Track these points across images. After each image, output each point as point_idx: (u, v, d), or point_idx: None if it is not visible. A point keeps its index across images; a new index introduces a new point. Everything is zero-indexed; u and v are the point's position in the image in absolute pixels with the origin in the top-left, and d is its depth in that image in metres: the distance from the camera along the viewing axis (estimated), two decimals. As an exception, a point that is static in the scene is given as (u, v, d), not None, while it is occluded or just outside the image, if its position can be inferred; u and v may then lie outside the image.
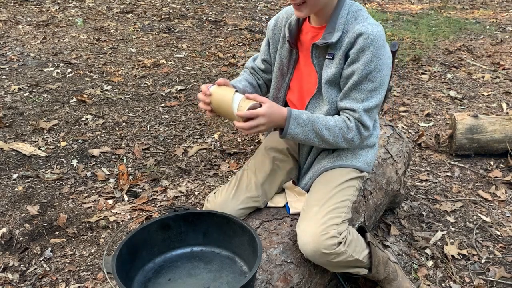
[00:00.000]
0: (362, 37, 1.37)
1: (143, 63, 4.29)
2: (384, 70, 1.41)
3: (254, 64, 1.74)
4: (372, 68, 1.38)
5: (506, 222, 2.23)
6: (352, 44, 1.39)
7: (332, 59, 1.45)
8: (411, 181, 2.56)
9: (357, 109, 1.42)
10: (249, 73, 1.75)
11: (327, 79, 1.46)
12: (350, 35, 1.39)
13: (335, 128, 1.43)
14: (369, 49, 1.36)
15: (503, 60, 4.65)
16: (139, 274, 1.35)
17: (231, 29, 5.70)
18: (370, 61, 1.37)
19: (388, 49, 1.43)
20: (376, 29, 1.37)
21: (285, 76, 1.61)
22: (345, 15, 1.42)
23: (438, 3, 7.51)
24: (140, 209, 2.25)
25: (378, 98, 1.43)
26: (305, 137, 1.43)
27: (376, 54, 1.37)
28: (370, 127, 1.45)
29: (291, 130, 1.41)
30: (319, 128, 1.42)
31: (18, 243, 2.00)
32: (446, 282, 1.86)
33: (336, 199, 1.46)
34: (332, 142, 1.45)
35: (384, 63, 1.40)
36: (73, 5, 6.46)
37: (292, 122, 1.40)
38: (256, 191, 1.58)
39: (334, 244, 1.36)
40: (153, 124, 3.13)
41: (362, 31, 1.37)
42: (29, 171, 2.51)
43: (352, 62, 1.40)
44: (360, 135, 1.46)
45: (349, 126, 1.44)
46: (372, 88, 1.41)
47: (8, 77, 3.82)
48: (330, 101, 1.49)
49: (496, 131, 2.71)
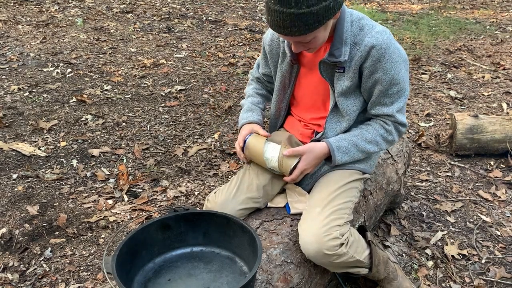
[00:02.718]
0: (375, 50, 1.36)
1: (143, 63, 4.29)
2: (403, 69, 1.42)
3: (259, 74, 1.78)
4: (393, 73, 1.40)
5: (506, 222, 2.22)
6: (365, 58, 1.39)
7: (343, 72, 1.44)
8: (411, 181, 2.56)
9: (391, 113, 1.47)
10: (256, 82, 1.81)
11: (341, 92, 1.47)
12: (362, 49, 1.38)
13: (376, 137, 1.50)
14: (385, 58, 1.37)
15: (503, 60, 4.65)
16: (139, 274, 1.35)
17: (231, 29, 5.70)
18: (389, 68, 1.39)
19: (399, 47, 1.43)
20: (385, 36, 1.37)
21: (287, 88, 1.63)
22: (350, 27, 1.39)
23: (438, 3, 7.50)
24: (140, 209, 2.25)
25: (406, 95, 1.47)
26: (353, 159, 1.52)
27: (392, 60, 1.38)
28: (406, 122, 1.52)
29: (339, 161, 1.50)
30: (363, 147, 1.50)
31: (18, 243, 2.00)
32: (446, 282, 1.86)
33: (339, 200, 1.46)
34: (378, 150, 1.55)
35: (401, 62, 1.41)
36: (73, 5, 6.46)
37: (337, 154, 1.49)
38: (257, 192, 1.58)
39: (337, 245, 1.36)
40: (153, 124, 3.13)
41: (374, 44, 1.36)
42: (29, 171, 2.51)
43: (372, 74, 1.41)
44: (399, 133, 1.54)
45: (388, 130, 1.51)
46: (398, 89, 1.44)
47: (8, 77, 3.81)
48: (348, 111, 1.50)
49: (496, 131, 2.71)
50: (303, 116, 1.67)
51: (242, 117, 1.68)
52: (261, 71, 1.74)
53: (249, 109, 1.70)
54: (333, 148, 1.48)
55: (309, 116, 1.64)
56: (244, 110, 1.71)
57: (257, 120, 1.65)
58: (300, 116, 1.69)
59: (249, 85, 1.82)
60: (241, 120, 1.68)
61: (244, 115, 1.68)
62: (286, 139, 1.67)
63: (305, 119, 1.67)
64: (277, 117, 1.75)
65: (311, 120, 1.64)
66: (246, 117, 1.66)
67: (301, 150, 1.47)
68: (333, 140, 1.50)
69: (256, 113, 1.68)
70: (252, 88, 1.79)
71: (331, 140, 1.50)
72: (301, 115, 1.68)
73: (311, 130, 1.65)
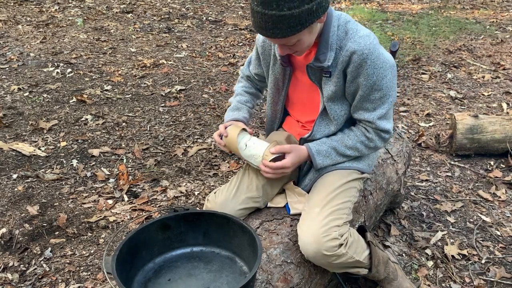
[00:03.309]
0: (356, 55, 1.35)
1: (143, 63, 4.29)
2: (388, 75, 1.40)
3: (249, 72, 1.77)
4: (375, 79, 1.38)
5: (506, 222, 2.22)
6: (347, 63, 1.38)
7: (330, 77, 1.43)
8: (411, 181, 2.56)
9: (372, 120, 1.46)
10: (246, 80, 1.80)
11: (328, 97, 1.47)
12: (344, 53, 1.37)
13: (356, 144, 1.51)
14: (367, 63, 1.35)
15: (503, 60, 4.65)
16: (139, 274, 1.35)
17: (231, 29, 5.70)
18: (371, 74, 1.37)
19: (385, 52, 1.41)
20: (368, 41, 1.35)
21: (281, 90, 1.63)
22: (336, 31, 1.38)
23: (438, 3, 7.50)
24: (140, 209, 2.25)
25: (389, 102, 1.45)
26: (335, 162, 1.54)
27: (374, 66, 1.36)
28: (389, 129, 1.50)
29: (320, 163, 1.52)
30: (342, 151, 1.52)
31: (18, 243, 2.00)
32: (446, 282, 1.85)
33: (337, 201, 1.46)
34: (359, 155, 1.56)
35: (386, 68, 1.39)
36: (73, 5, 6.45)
37: (318, 158, 1.50)
38: (257, 191, 1.58)
39: (336, 246, 1.36)
40: (153, 124, 3.13)
41: (355, 49, 1.34)
42: (29, 171, 2.51)
43: (354, 79, 1.40)
44: (383, 139, 1.53)
45: (369, 137, 1.50)
46: (380, 95, 1.42)
47: (8, 77, 3.81)
48: (336, 116, 1.50)
49: (496, 131, 2.71)
50: (299, 117, 1.67)
51: (227, 115, 1.68)
52: (253, 71, 1.73)
53: (236, 108, 1.69)
54: (313, 153, 1.50)
55: (306, 117, 1.64)
56: (230, 109, 1.71)
57: (242, 119, 1.65)
58: (297, 117, 1.69)
59: (238, 82, 1.82)
60: (226, 118, 1.68)
61: (230, 114, 1.68)
62: (285, 139, 1.67)
63: (302, 120, 1.67)
64: (273, 119, 1.74)
65: (308, 122, 1.64)
66: (232, 115, 1.66)
67: (287, 148, 1.48)
68: (313, 144, 1.51)
69: (242, 111, 1.68)
70: (241, 86, 1.79)
71: (311, 144, 1.51)
72: (298, 117, 1.68)
73: (308, 131, 1.65)
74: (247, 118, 1.69)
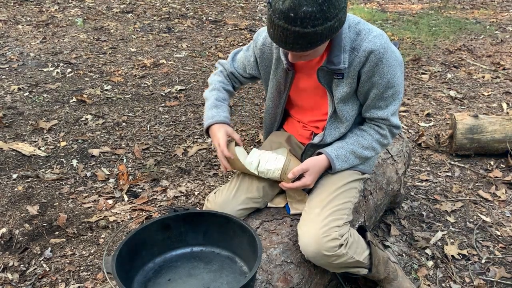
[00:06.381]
0: (373, 55, 1.36)
1: (143, 63, 4.29)
2: (398, 72, 1.42)
3: (234, 70, 1.70)
4: (389, 77, 1.39)
5: (506, 222, 2.22)
6: (363, 63, 1.38)
7: (342, 79, 1.42)
8: (411, 181, 2.56)
9: (385, 117, 1.47)
10: (225, 76, 1.72)
11: (340, 99, 1.46)
12: (360, 54, 1.37)
13: (372, 143, 1.52)
14: (382, 62, 1.37)
15: (503, 60, 4.65)
16: (139, 274, 1.35)
17: (231, 29, 5.70)
18: (386, 72, 1.38)
19: (395, 49, 1.43)
20: (382, 40, 1.36)
21: (282, 93, 1.62)
22: (348, 33, 1.37)
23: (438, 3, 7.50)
24: (140, 209, 2.25)
25: (400, 97, 1.48)
26: (352, 165, 1.54)
27: (389, 64, 1.38)
28: (399, 124, 1.53)
29: (339, 168, 1.52)
30: (360, 153, 1.52)
31: (18, 243, 2.00)
32: (446, 282, 1.86)
33: (338, 201, 1.46)
34: (375, 155, 1.58)
35: (397, 65, 1.41)
36: (73, 5, 6.45)
37: (337, 163, 1.50)
38: (257, 192, 1.58)
39: (336, 246, 1.36)
40: (153, 124, 3.13)
41: (372, 49, 1.35)
42: (29, 171, 2.51)
43: (369, 78, 1.40)
44: (393, 135, 1.55)
45: (383, 134, 1.52)
46: (393, 92, 1.44)
47: (8, 77, 3.81)
48: (347, 117, 1.50)
49: (496, 131, 2.71)
50: (302, 118, 1.67)
51: (208, 115, 1.59)
52: (248, 70, 1.67)
53: (215, 105, 1.61)
54: (332, 158, 1.49)
55: (308, 118, 1.64)
56: (209, 106, 1.62)
57: (224, 119, 1.57)
58: (299, 118, 1.68)
59: (216, 75, 1.72)
60: (207, 118, 1.58)
61: (210, 113, 1.59)
62: (285, 140, 1.67)
63: (303, 121, 1.67)
64: (272, 121, 1.73)
65: (310, 122, 1.64)
66: (212, 115, 1.58)
67: (305, 167, 1.45)
68: (330, 150, 1.51)
69: (222, 109, 1.60)
70: (219, 81, 1.69)
71: (329, 150, 1.50)
72: (300, 117, 1.68)
73: (310, 131, 1.65)
74: (229, 117, 1.62)
